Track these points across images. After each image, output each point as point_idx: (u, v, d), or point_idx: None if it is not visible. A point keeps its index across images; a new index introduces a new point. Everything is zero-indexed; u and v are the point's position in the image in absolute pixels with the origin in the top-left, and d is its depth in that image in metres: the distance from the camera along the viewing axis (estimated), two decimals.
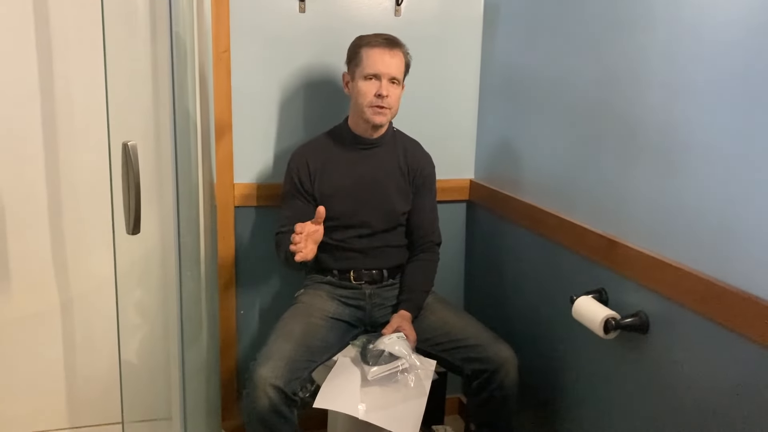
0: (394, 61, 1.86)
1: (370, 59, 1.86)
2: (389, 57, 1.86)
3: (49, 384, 2.27)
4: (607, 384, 1.63)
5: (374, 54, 1.86)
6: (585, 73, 1.69)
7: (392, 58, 1.86)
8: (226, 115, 2.14)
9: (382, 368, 1.70)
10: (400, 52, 1.89)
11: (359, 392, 1.70)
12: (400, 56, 1.89)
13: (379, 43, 1.87)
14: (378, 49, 1.86)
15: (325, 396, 1.69)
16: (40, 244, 2.16)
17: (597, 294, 1.61)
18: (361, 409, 1.65)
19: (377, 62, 1.85)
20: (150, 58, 1.90)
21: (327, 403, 1.67)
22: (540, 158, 1.95)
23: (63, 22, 2.04)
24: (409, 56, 1.94)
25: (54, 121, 2.09)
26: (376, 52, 1.86)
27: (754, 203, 1.15)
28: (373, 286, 2.00)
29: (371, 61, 1.85)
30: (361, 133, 1.97)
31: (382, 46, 1.86)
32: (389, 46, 1.87)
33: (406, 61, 1.92)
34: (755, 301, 1.14)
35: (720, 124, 1.22)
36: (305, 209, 1.94)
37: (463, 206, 2.48)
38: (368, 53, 1.86)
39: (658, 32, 1.40)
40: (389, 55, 1.86)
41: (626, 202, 1.53)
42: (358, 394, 1.69)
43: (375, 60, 1.85)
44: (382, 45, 1.86)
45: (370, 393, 1.69)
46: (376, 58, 1.85)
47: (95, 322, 2.25)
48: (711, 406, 1.27)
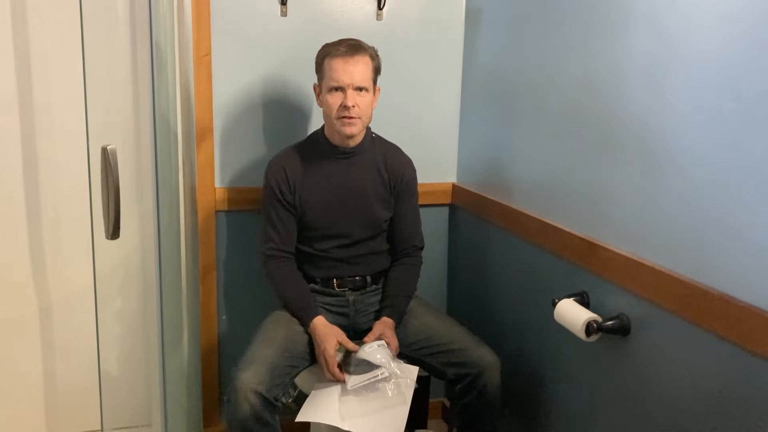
0: (357, 69, 1.81)
1: (332, 71, 1.81)
2: (352, 66, 1.80)
3: (27, 391, 2.24)
4: (589, 386, 1.64)
5: (336, 65, 1.80)
6: (567, 77, 1.70)
7: (355, 66, 1.80)
8: (207, 119, 2.13)
9: (361, 377, 1.69)
10: (364, 57, 1.83)
11: (340, 402, 1.69)
12: (365, 62, 1.83)
13: (341, 52, 1.81)
14: (340, 59, 1.80)
15: (306, 409, 1.69)
16: (18, 248, 2.13)
17: (579, 297, 1.61)
18: (342, 418, 1.64)
19: (339, 73, 1.80)
20: (130, 61, 1.89)
21: (308, 415, 1.67)
22: (522, 162, 1.95)
23: (42, 26, 2.02)
24: (378, 59, 1.89)
25: (33, 126, 2.07)
26: (338, 63, 1.80)
27: (733, 206, 1.16)
28: (357, 293, 1.99)
29: (334, 73, 1.80)
30: (338, 143, 1.93)
31: (343, 55, 1.80)
32: (351, 54, 1.81)
33: (374, 66, 1.87)
34: (735, 303, 1.15)
35: (700, 129, 1.23)
36: (288, 221, 1.93)
37: (446, 210, 2.49)
38: (330, 64, 1.82)
39: (639, 37, 1.41)
40: (352, 64, 1.80)
41: (607, 206, 1.53)
42: (338, 404, 1.68)
43: (337, 71, 1.80)
44: (344, 54, 1.81)
45: (351, 402, 1.68)
46: (338, 69, 1.80)
47: (74, 328, 2.22)
48: (692, 407, 1.28)
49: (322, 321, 1.83)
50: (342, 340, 1.79)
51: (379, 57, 1.90)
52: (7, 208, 2.10)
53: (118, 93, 1.89)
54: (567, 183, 1.71)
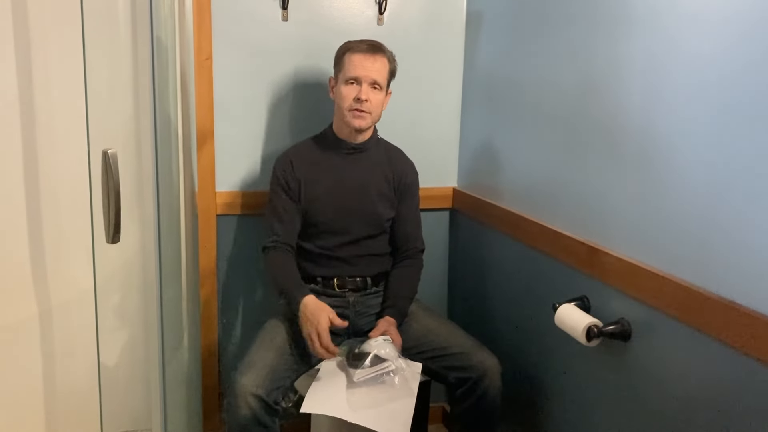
0: (375, 66, 1.87)
1: (351, 63, 1.87)
2: (371, 62, 1.87)
3: (27, 395, 2.23)
4: (590, 391, 1.64)
5: (356, 59, 1.87)
6: (567, 82, 1.70)
7: (374, 63, 1.87)
8: (208, 123, 2.13)
9: (368, 370, 1.68)
10: (383, 58, 1.90)
11: (346, 395, 1.68)
12: (382, 61, 1.89)
13: (362, 48, 1.88)
14: (360, 54, 1.87)
15: (310, 400, 1.67)
16: (19, 252, 2.13)
17: (579, 301, 1.61)
18: (349, 411, 1.63)
19: (358, 66, 1.86)
20: (131, 65, 1.89)
21: (313, 407, 1.65)
22: (522, 166, 1.95)
23: (43, 30, 2.02)
24: (395, 63, 1.95)
25: (34, 130, 2.07)
26: (358, 57, 1.87)
27: (735, 210, 1.16)
28: (357, 294, 2.00)
29: (352, 66, 1.87)
30: (345, 137, 1.97)
31: (364, 52, 1.88)
32: (372, 52, 1.88)
33: (390, 68, 1.93)
34: (736, 308, 1.14)
35: (700, 133, 1.23)
36: (293, 213, 1.95)
37: (446, 214, 2.49)
38: (350, 58, 1.88)
39: (639, 40, 1.41)
40: (371, 60, 1.87)
41: (608, 210, 1.53)
42: (345, 396, 1.67)
43: (356, 64, 1.87)
44: (365, 50, 1.88)
45: (357, 395, 1.68)
46: (357, 63, 1.87)
47: (75, 332, 2.22)
48: (693, 413, 1.28)
49: (313, 299, 1.82)
50: (332, 317, 1.77)
51: (396, 62, 1.96)
52: (8, 212, 2.10)
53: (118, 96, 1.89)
54: (568, 187, 1.70)
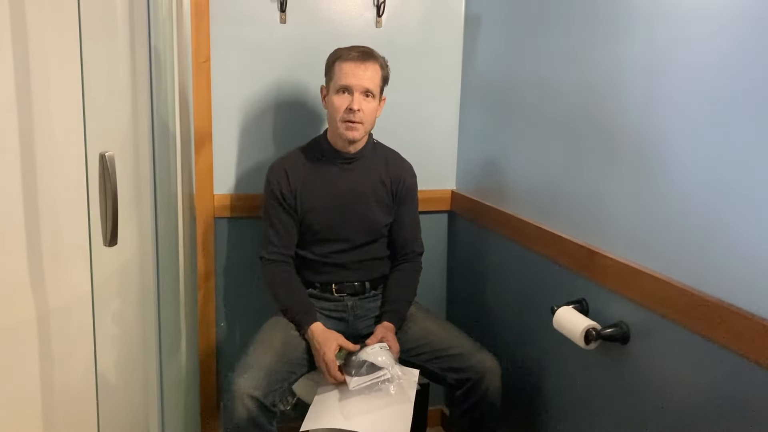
0: (367, 74, 1.84)
1: (342, 72, 1.84)
2: (362, 70, 1.83)
3: (24, 398, 2.22)
4: (588, 394, 1.63)
5: (346, 67, 1.83)
6: (566, 84, 1.70)
7: (365, 71, 1.83)
8: (205, 126, 2.13)
9: (363, 378, 1.69)
10: (374, 64, 1.86)
11: (343, 404, 1.68)
12: (374, 68, 1.86)
13: (353, 56, 1.84)
14: (351, 63, 1.83)
15: (310, 417, 1.68)
16: (16, 256, 2.12)
17: (578, 304, 1.61)
18: (346, 419, 1.63)
19: (349, 75, 1.83)
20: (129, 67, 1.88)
21: (312, 423, 1.66)
22: (521, 168, 1.95)
23: (40, 32, 2.02)
24: (387, 69, 1.92)
25: (31, 133, 2.06)
26: (348, 66, 1.83)
27: (733, 213, 1.16)
28: (355, 298, 1.99)
29: (343, 74, 1.83)
30: (340, 147, 1.94)
31: (355, 60, 1.84)
32: (362, 59, 1.84)
33: (383, 74, 1.90)
34: (735, 311, 1.14)
35: (699, 136, 1.23)
36: (289, 224, 1.93)
37: (445, 216, 2.48)
38: (341, 66, 1.84)
39: (637, 44, 1.41)
40: (362, 68, 1.83)
41: (607, 213, 1.53)
42: (341, 406, 1.68)
43: (347, 73, 1.83)
44: (356, 58, 1.84)
45: (354, 402, 1.68)
46: (348, 71, 1.83)
47: (72, 336, 2.21)
48: (692, 416, 1.28)
49: (320, 327, 1.83)
50: (342, 343, 1.78)
51: (388, 67, 1.92)
52: (5, 215, 2.09)
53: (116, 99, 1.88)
54: (566, 190, 1.70)
